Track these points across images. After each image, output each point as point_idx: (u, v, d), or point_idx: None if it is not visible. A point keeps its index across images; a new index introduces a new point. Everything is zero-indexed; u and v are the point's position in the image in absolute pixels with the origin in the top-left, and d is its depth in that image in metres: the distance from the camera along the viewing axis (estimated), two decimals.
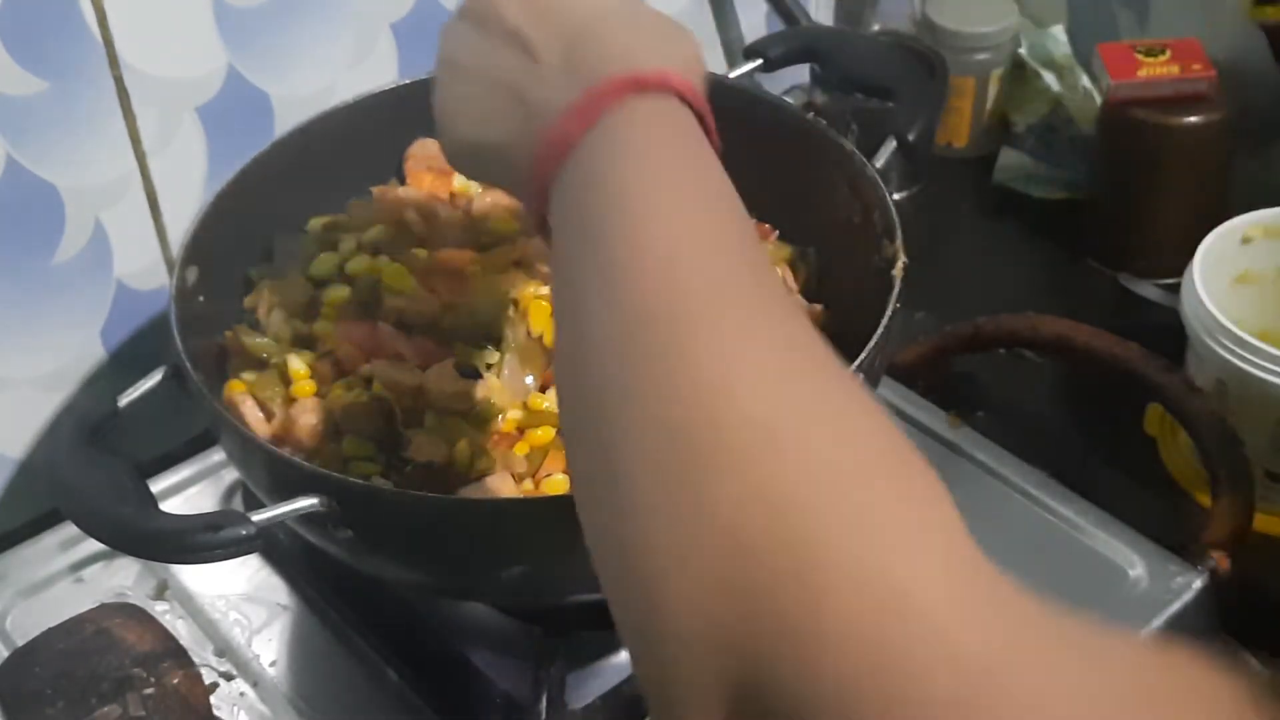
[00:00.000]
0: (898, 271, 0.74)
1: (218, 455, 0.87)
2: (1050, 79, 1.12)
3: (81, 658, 0.72)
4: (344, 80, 0.90)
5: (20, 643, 0.76)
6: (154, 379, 0.73)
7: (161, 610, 0.81)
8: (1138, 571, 0.79)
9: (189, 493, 0.88)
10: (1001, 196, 1.13)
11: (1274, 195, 0.93)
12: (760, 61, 0.87)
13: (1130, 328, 0.88)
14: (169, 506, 0.66)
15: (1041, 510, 0.82)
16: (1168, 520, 0.86)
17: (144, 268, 0.87)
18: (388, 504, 0.67)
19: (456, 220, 0.86)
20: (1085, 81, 1.11)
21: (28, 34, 0.76)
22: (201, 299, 0.78)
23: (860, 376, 0.69)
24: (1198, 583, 0.78)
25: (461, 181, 0.88)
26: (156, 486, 0.83)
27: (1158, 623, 0.76)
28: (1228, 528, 0.81)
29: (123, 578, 0.83)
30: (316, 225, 0.85)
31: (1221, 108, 0.99)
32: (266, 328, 0.80)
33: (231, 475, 0.88)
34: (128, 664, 0.72)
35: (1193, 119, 0.99)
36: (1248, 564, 0.81)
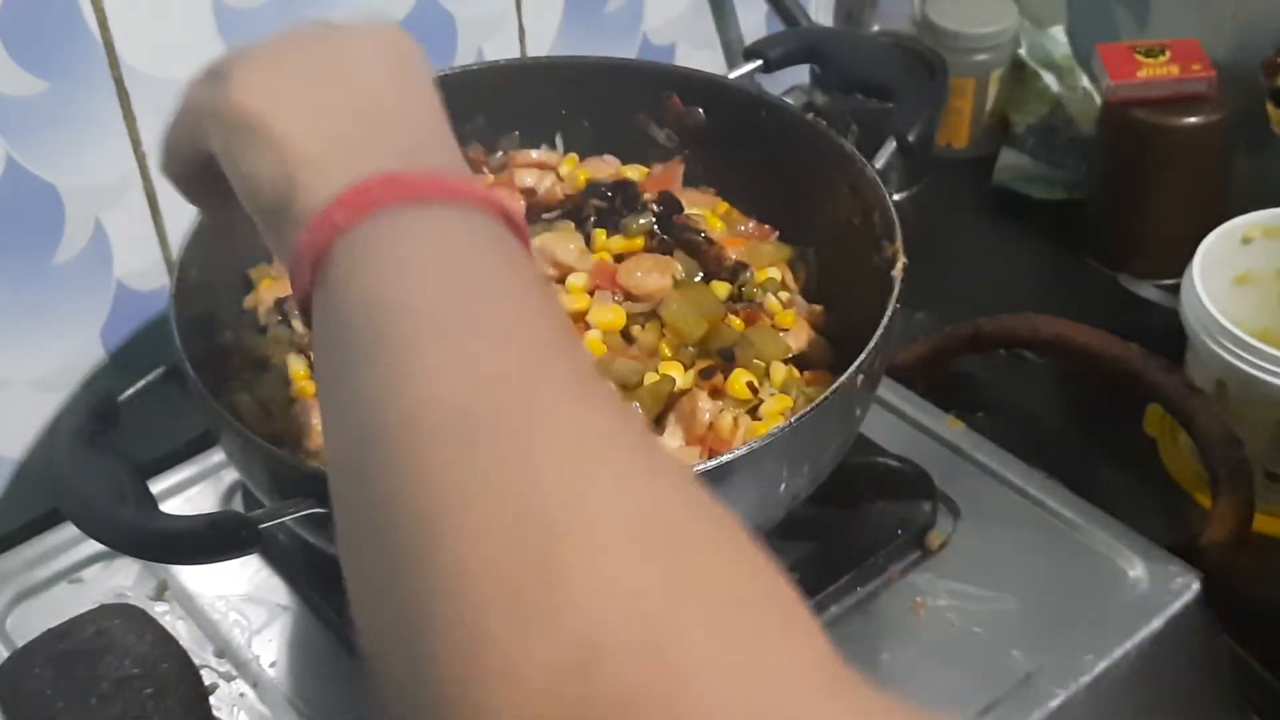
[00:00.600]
0: (898, 272, 0.74)
1: (218, 455, 0.87)
2: (1050, 79, 1.12)
3: (81, 658, 0.72)
4: None
5: (20, 643, 0.76)
6: (154, 379, 0.73)
7: (161, 611, 0.81)
8: (1137, 572, 0.79)
9: (189, 493, 0.88)
10: (1001, 197, 1.13)
11: (1274, 195, 0.93)
12: (760, 62, 0.87)
13: (1130, 328, 0.88)
14: (169, 507, 0.66)
15: (1041, 510, 0.82)
16: (1168, 520, 0.86)
17: (144, 268, 0.87)
18: None
19: None
20: (1085, 82, 1.11)
21: (28, 34, 0.76)
22: (201, 299, 0.78)
23: (861, 378, 0.69)
24: (1197, 583, 0.78)
25: None
26: (156, 487, 0.83)
27: (1157, 623, 0.76)
28: (1228, 528, 0.81)
29: (123, 578, 0.83)
30: None
31: (1221, 108, 0.99)
32: (267, 328, 0.80)
33: (231, 475, 0.87)
34: (127, 665, 0.72)
35: (1193, 119, 0.99)
36: (1248, 564, 0.81)
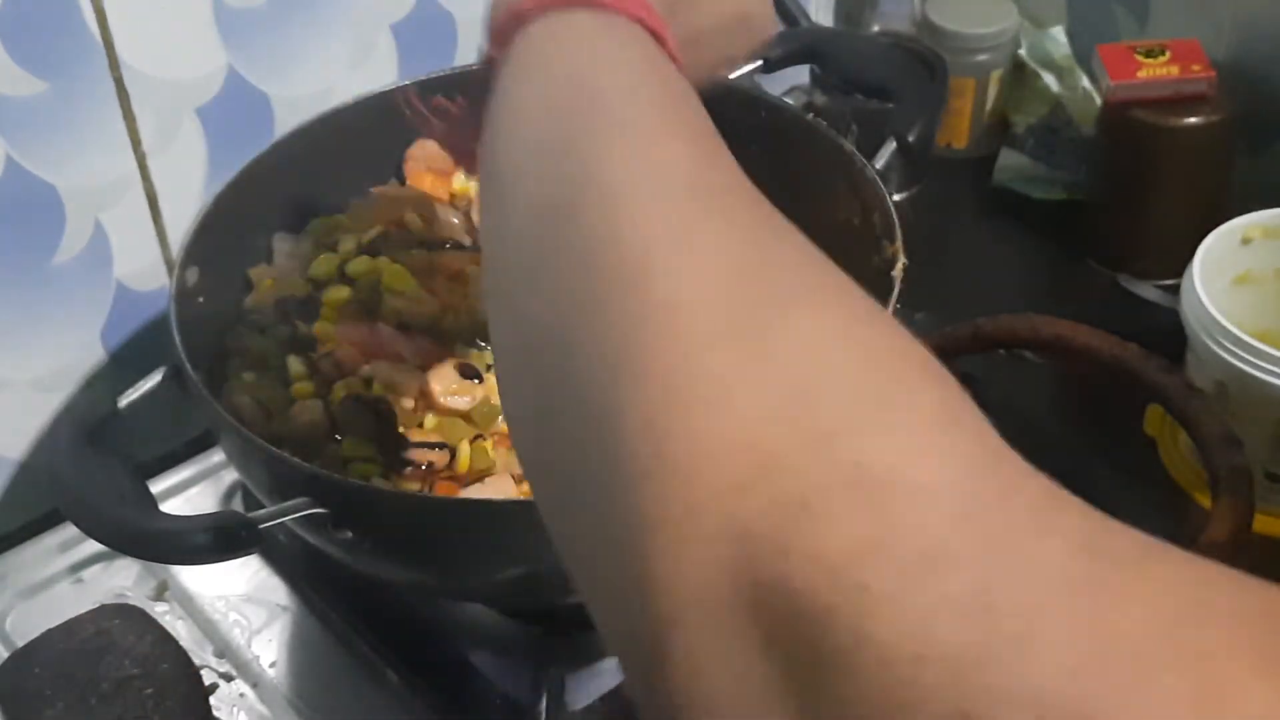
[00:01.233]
0: (897, 272, 0.74)
1: (218, 455, 0.87)
2: (1050, 80, 1.12)
3: (81, 659, 0.72)
4: (344, 81, 0.90)
5: (20, 643, 0.76)
6: (154, 379, 0.73)
7: (161, 611, 0.81)
8: None
9: (189, 493, 0.88)
10: (1001, 197, 1.13)
11: (1274, 195, 0.93)
12: (760, 62, 0.87)
13: (1130, 328, 0.88)
14: (169, 507, 0.67)
15: None
16: (1168, 520, 0.86)
17: (144, 268, 0.87)
18: (388, 504, 0.67)
19: (457, 220, 0.86)
20: (1085, 82, 1.11)
21: (28, 34, 0.76)
22: (201, 299, 0.78)
23: None
24: None
25: (461, 182, 0.88)
26: (156, 487, 0.83)
27: None
28: (1228, 528, 0.81)
29: (123, 579, 0.83)
30: (316, 225, 0.85)
31: (1221, 108, 0.99)
32: (266, 328, 0.80)
33: (231, 476, 0.87)
34: (127, 665, 0.72)
35: (1193, 119, 0.99)
36: (1248, 564, 0.81)
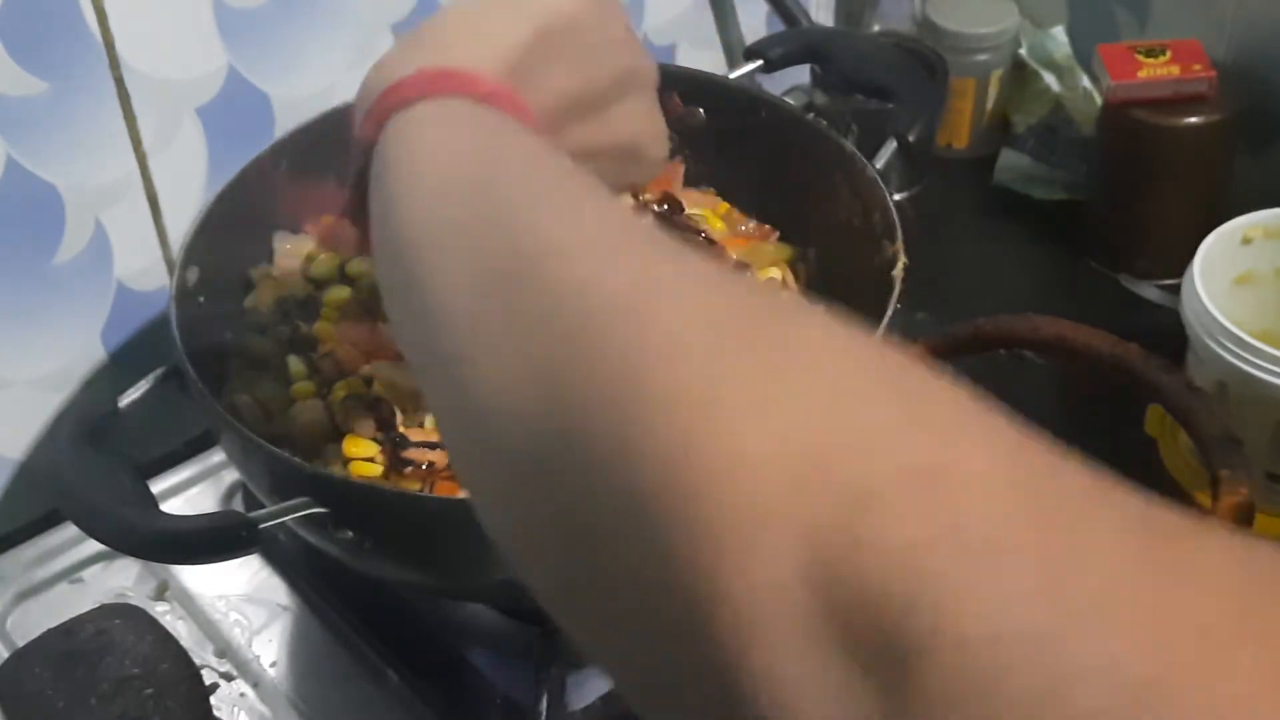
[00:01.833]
0: (898, 272, 0.74)
1: (218, 455, 0.87)
2: (1050, 80, 1.12)
3: (81, 658, 0.72)
4: (344, 81, 0.90)
5: (20, 643, 0.76)
6: (154, 379, 0.73)
7: (162, 611, 0.81)
8: None
9: (189, 493, 0.88)
10: (1002, 197, 1.13)
11: (1274, 195, 0.93)
12: (761, 62, 0.87)
13: (1130, 328, 0.88)
14: (169, 507, 0.67)
15: None
16: None
17: (144, 268, 0.87)
18: (388, 504, 0.67)
19: None
20: (1085, 82, 1.11)
21: (28, 34, 0.76)
22: (201, 299, 0.78)
23: None
24: None
25: None
26: (156, 487, 0.83)
27: None
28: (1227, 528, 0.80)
29: (123, 578, 0.83)
30: (316, 225, 0.85)
31: (1221, 108, 0.99)
32: (267, 328, 0.80)
33: (231, 475, 0.87)
34: (128, 665, 0.72)
35: (1193, 119, 0.99)
36: None
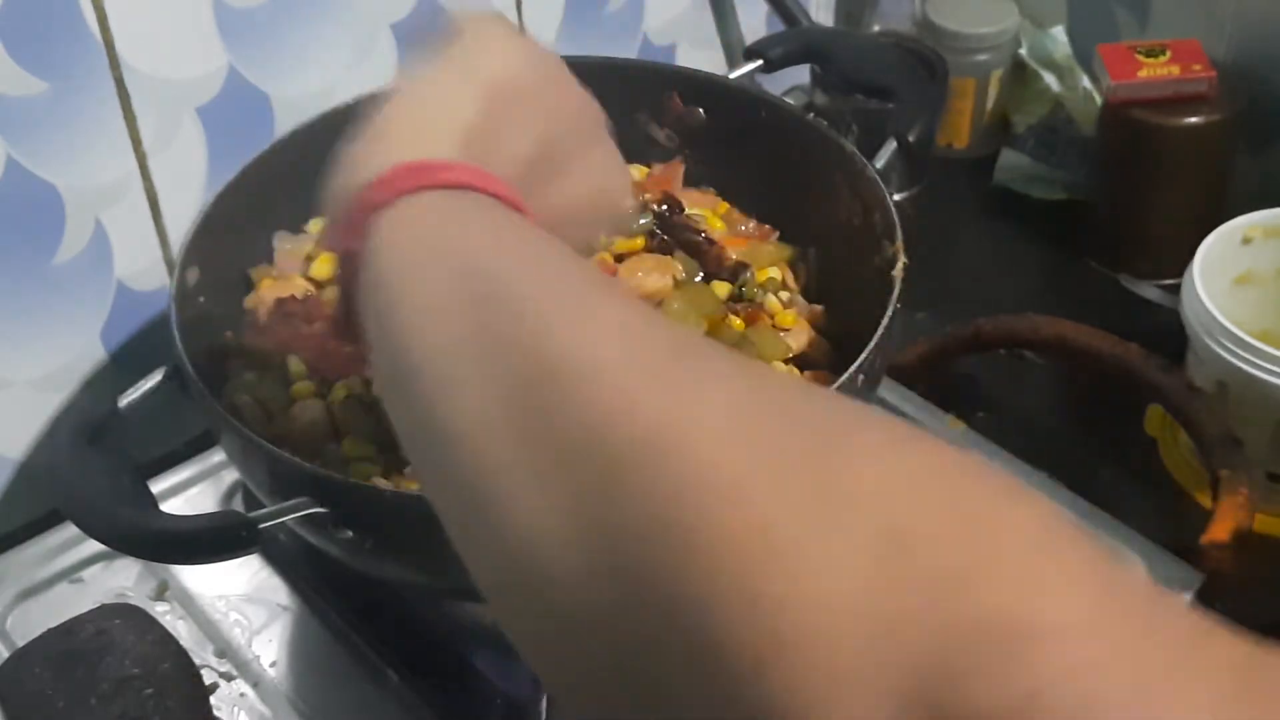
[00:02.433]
0: (898, 272, 0.74)
1: (218, 455, 0.87)
2: (1050, 79, 1.12)
3: (81, 658, 0.72)
4: (344, 81, 0.90)
5: (20, 643, 0.76)
6: (154, 379, 0.73)
7: (162, 611, 0.81)
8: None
9: (189, 493, 0.88)
10: (1002, 197, 1.13)
11: (1274, 195, 0.93)
12: (761, 62, 0.87)
13: (1130, 328, 0.88)
14: (169, 507, 0.67)
15: None
16: (1168, 520, 0.86)
17: (144, 268, 0.87)
18: (388, 504, 0.67)
19: None
20: (1085, 82, 1.11)
21: (28, 34, 0.76)
22: (201, 299, 0.78)
23: (862, 378, 0.69)
24: (1197, 583, 0.78)
25: None
26: (156, 487, 0.83)
27: None
28: (1228, 528, 0.81)
29: (123, 578, 0.83)
30: (316, 225, 0.85)
31: (1221, 108, 0.99)
32: (267, 328, 0.80)
33: (231, 475, 0.87)
34: (128, 665, 0.72)
35: (1193, 119, 0.99)
36: (1248, 564, 0.81)
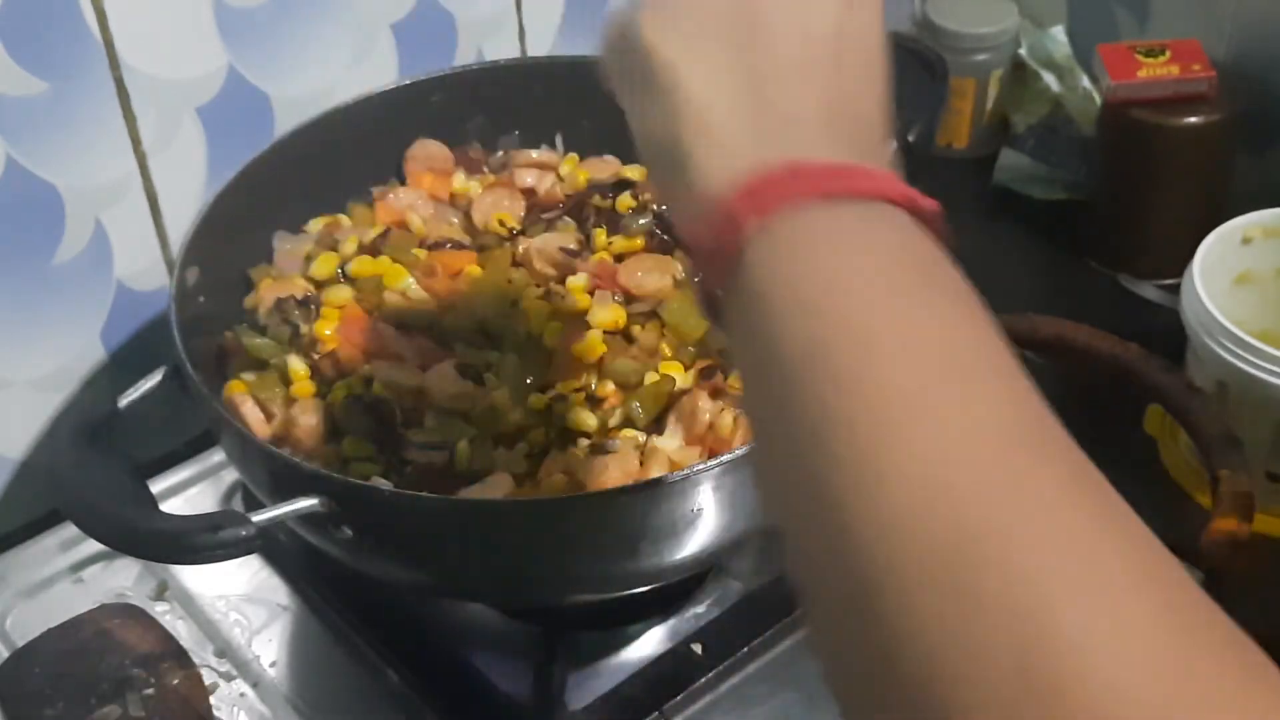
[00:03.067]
0: None
1: (218, 455, 0.87)
2: (1050, 79, 1.12)
3: (81, 658, 0.72)
4: (344, 80, 0.90)
5: (20, 643, 0.76)
6: (154, 379, 0.73)
7: (161, 611, 0.81)
8: None
9: (189, 493, 0.88)
10: (1001, 197, 1.13)
11: (1274, 195, 0.93)
12: None
13: (1130, 328, 0.88)
14: (169, 507, 0.67)
15: None
16: (1168, 520, 0.86)
17: (144, 268, 0.87)
18: (388, 504, 0.67)
19: (456, 220, 0.86)
20: (1085, 82, 1.11)
21: (28, 34, 0.76)
22: (201, 299, 0.78)
23: None
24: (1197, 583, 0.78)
25: (461, 182, 0.88)
26: (156, 487, 0.83)
27: None
28: (1228, 528, 0.81)
29: (123, 578, 0.83)
30: (316, 225, 0.85)
31: (1221, 108, 0.99)
32: (267, 328, 0.80)
33: (231, 475, 0.87)
34: (128, 664, 0.72)
35: (1193, 119, 0.99)
36: (1248, 564, 0.81)
